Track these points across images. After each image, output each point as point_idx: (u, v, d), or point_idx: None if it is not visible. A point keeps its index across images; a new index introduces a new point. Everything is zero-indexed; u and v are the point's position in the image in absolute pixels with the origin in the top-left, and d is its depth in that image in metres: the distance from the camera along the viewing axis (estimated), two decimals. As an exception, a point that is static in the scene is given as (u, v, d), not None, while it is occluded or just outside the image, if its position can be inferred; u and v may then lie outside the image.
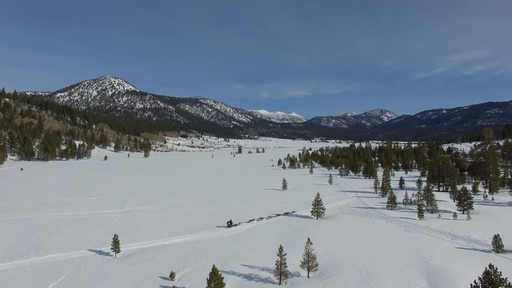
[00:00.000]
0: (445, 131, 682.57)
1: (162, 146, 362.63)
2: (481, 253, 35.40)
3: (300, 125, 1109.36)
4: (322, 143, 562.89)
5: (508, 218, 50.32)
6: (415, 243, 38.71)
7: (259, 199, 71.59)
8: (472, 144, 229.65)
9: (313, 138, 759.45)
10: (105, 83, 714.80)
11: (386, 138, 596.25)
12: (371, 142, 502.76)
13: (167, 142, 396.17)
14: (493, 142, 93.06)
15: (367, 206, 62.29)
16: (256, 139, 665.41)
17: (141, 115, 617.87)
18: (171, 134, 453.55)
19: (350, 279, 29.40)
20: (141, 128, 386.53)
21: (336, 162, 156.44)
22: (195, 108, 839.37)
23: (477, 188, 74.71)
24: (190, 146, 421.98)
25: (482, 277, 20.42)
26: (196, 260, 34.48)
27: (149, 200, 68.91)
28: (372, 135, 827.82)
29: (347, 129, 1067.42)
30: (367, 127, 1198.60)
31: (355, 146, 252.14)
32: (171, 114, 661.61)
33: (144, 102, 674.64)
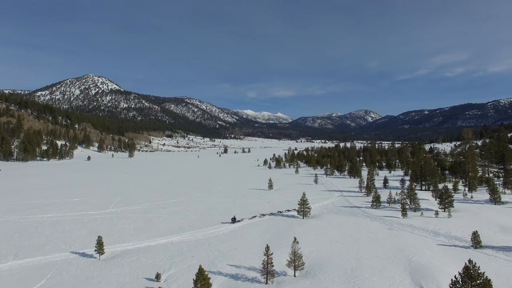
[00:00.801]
0: (427, 131, 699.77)
1: (147, 146, 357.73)
2: (461, 249, 36.44)
3: (286, 125, 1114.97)
4: (308, 143, 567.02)
5: (486, 216, 51.93)
6: (399, 241, 39.49)
7: (245, 199, 71.54)
8: (453, 144, 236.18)
9: (298, 138, 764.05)
10: (88, 81, 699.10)
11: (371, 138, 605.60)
12: (355, 142, 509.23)
13: (152, 142, 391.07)
14: (472, 142, 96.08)
15: (352, 205, 63.15)
16: (242, 139, 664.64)
17: (126, 114, 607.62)
18: (156, 134, 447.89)
19: (336, 277, 29.74)
20: (125, 128, 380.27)
21: (322, 162, 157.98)
22: (180, 108, 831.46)
23: (457, 187, 76.84)
24: (175, 146, 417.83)
25: (462, 272, 21.06)
26: (182, 261, 34.18)
27: (134, 201, 67.86)
28: (356, 135, 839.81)
29: (332, 129, 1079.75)
30: (351, 127, 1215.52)
31: (340, 146, 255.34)
32: (156, 114, 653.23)
33: (128, 101, 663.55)
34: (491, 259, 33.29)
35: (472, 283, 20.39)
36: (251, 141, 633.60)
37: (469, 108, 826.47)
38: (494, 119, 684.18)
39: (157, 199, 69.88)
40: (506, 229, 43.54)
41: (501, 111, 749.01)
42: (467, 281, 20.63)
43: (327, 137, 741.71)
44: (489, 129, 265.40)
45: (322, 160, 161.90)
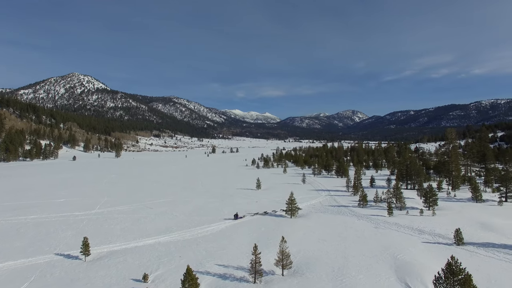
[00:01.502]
0: (412, 131, 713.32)
1: (134, 146, 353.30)
2: (445, 246, 37.35)
3: (274, 125, 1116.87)
4: (296, 143, 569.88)
5: (468, 213, 53.37)
6: (385, 239, 40.19)
7: (234, 198, 71.53)
8: (437, 143, 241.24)
9: (286, 138, 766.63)
10: (73, 80, 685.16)
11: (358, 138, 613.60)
12: (343, 142, 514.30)
13: (140, 141, 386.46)
14: (455, 142, 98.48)
15: (340, 204, 63.89)
16: (230, 139, 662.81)
17: (112, 114, 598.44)
18: (143, 134, 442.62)
19: (323, 275, 30.06)
20: (112, 127, 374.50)
21: (309, 161, 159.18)
22: (168, 107, 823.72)
23: (441, 186, 78.71)
24: (163, 146, 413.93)
25: (444, 268, 21.63)
26: (170, 261, 33.96)
27: (121, 201, 67.00)
28: (344, 135, 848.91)
29: (320, 129, 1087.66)
30: (339, 127, 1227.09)
31: (328, 146, 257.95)
32: (144, 114, 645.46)
33: (115, 100, 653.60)
34: (472, 255, 34.25)
35: (454, 278, 20.97)
36: (239, 141, 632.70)
37: (452, 109, 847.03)
38: (476, 119, 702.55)
39: (144, 200, 69.16)
40: (486, 226, 44.88)
41: (482, 112, 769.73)
42: (449, 277, 21.20)
43: (315, 137, 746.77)
44: (471, 129, 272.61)
45: (310, 160, 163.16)
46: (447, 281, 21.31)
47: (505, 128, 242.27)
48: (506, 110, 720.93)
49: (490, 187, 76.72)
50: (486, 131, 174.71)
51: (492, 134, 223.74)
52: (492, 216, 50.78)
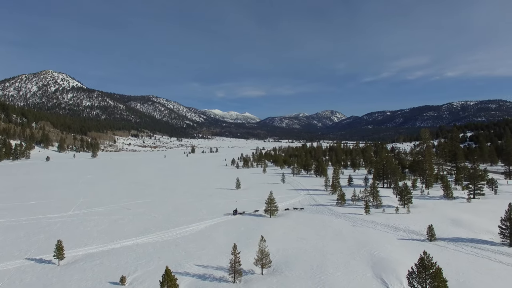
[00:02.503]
0: (389, 131, 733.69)
1: (112, 145, 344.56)
2: (418, 242, 38.72)
3: (254, 125, 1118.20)
4: (275, 143, 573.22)
5: (440, 210, 55.57)
6: (362, 237, 41.21)
7: (213, 198, 71.26)
8: (412, 143, 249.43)
9: (266, 138, 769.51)
10: (47, 78, 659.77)
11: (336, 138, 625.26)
12: (322, 141, 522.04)
13: (117, 141, 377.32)
14: (429, 142, 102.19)
15: (318, 203, 64.89)
16: (209, 139, 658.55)
17: (89, 113, 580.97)
18: (121, 134, 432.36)
19: (302, 273, 30.49)
20: (88, 127, 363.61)
21: (289, 161, 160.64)
22: (146, 106, 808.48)
23: (415, 184, 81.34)
24: (141, 145, 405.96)
25: (417, 263, 22.53)
26: (148, 263, 33.44)
27: (98, 202, 65.29)
28: (323, 135, 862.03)
29: (299, 129, 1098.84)
30: (318, 127, 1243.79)
31: (307, 146, 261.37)
32: (121, 113, 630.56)
33: (91, 99, 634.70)
34: (443, 250, 35.73)
35: (426, 272, 21.88)
36: (219, 141, 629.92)
37: (426, 110, 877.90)
38: (448, 120, 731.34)
39: (122, 201, 67.73)
40: (456, 222, 46.89)
41: (454, 113, 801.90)
42: (422, 271, 22.11)
43: (295, 137, 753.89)
44: (444, 130, 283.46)
45: (289, 160, 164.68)
46: (419, 275, 22.21)
47: (474, 129, 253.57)
48: (475, 111, 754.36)
49: (460, 185, 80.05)
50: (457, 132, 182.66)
51: (463, 134, 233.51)
52: (462, 213, 53.07)
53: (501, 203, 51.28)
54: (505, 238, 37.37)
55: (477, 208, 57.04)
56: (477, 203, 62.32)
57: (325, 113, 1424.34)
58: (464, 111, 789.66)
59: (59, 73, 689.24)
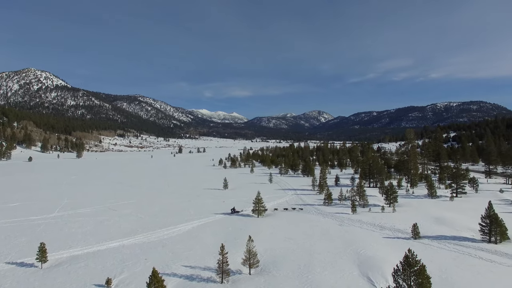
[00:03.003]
0: (375, 131, 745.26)
1: (97, 146, 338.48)
2: (403, 240, 39.48)
3: (241, 125, 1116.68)
4: (263, 143, 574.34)
5: (424, 209, 56.81)
6: (348, 236, 41.74)
7: (201, 199, 70.94)
8: (398, 143, 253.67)
9: (254, 138, 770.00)
10: (29, 76, 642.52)
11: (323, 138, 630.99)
12: (309, 142, 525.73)
13: (103, 141, 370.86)
14: (414, 142, 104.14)
15: (306, 203, 65.35)
16: (197, 139, 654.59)
17: (73, 112, 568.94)
18: (107, 134, 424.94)
19: (290, 273, 30.67)
20: (73, 126, 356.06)
21: (276, 161, 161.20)
22: (133, 106, 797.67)
23: (401, 183, 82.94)
24: (127, 146, 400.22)
25: (402, 261, 22.95)
26: (135, 264, 33.03)
27: (83, 204, 64.07)
28: (310, 135, 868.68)
29: (286, 129, 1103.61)
30: (305, 127, 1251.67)
31: (294, 146, 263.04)
32: (107, 112, 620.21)
33: (76, 98, 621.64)
34: (427, 247, 36.54)
35: (410, 270, 22.32)
36: (207, 141, 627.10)
37: (411, 111, 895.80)
38: (432, 120, 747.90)
39: (107, 201, 66.66)
40: (439, 220, 48.03)
41: (437, 114, 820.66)
42: (406, 269, 22.54)
43: (282, 137, 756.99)
44: (428, 130, 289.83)
45: (277, 160, 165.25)
46: (404, 273, 22.63)
47: (457, 129, 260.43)
48: (457, 112, 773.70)
49: (444, 183, 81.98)
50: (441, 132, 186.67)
51: (446, 134, 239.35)
52: (445, 211, 54.36)
53: (482, 201, 52.72)
54: (485, 235, 38.58)
55: (459, 206, 58.56)
56: (459, 201, 63.97)
57: (312, 113, 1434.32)
58: (447, 112, 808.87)
59: (42, 71, 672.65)
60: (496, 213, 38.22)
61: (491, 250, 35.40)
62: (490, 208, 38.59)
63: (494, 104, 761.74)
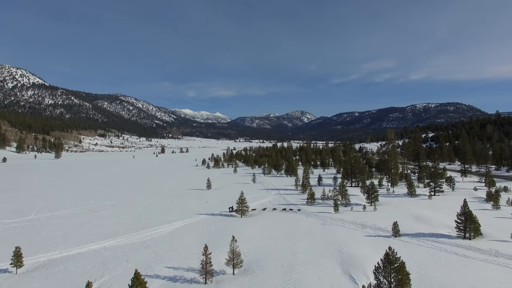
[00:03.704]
0: (357, 132, 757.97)
1: (77, 146, 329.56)
2: (384, 238, 40.46)
3: (225, 125, 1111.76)
4: (246, 143, 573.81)
5: (404, 207, 58.31)
6: (331, 235, 42.38)
7: (184, 199, 70.40)
8: (379, 143, 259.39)
9: (237, 138, 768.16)
10: (3, 73, 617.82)
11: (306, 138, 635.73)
12: (292, 142, 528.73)
13: (83, 141, 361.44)
14: (394, 142, 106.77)
15: (289, 202, 65.86)
16: (180, 139, 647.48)
17: (52, 111, 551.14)
18: (87, 133, 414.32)
19: (273, 272, 30.87)
20: (51, 126, 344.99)
21: (260, 161, 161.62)
22: (114, 105, 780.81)
23: (382, 183, 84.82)
24: (109, 146, 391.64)
25: (383, 258, 23.51)
26: (117, 266, 32.44)
27: (61, 205, 62.31)
28: (293, 135, 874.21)
29: (270, 129, 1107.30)
30: (288, 127, 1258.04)
31: (278, 146, 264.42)
32: (88, 112, 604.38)
33: (55, 97, 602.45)
34: (406, 245, 37.58)
35: (391, 267, 22.90)
36: (189, 141, 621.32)
37: (392, 111, 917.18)
38: (412, 121, 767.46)
39: (88, 203, 65.14)
40: (419, 218, 49.46)
41: (417, 115, 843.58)
42: (387, 266, 23.11)
43: (265, 137, 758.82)
44: (408, 131, 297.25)
45: (260, 160, 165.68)
46: (385, 270, 23.19)
47: (435, 130, 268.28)
48: (435, 113, 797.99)
49: (423, 182, 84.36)
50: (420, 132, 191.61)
51: (425, 135, 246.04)
52: (423, 209, 56.05)
53: (458, 199, 54.55)
54: (460, 232, 40.06)
55: (437, 205, 60.49)
56: (437, 199, 66.05)
57: (296, 113, 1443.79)
58: (426, 113, 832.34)
59: (17, 68, 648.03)
60: (470, 211, 39.76)
61: (466, 246, 36.81)
62: (465, 206, 40.07)
63: (469, 106, 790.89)
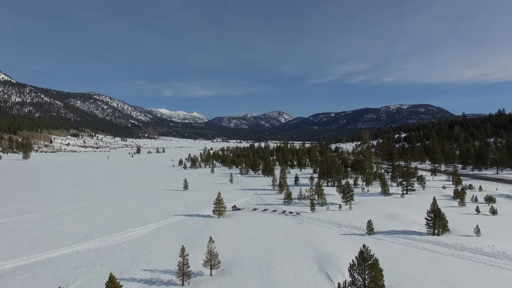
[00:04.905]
0: (333, 132, 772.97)
1: (48, 146, 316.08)
2: (359, 236, 41.60)
3: (202, 125, 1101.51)
4: (223, 143, 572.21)
5: (379, 206, 60.17)
6: (307, 234, 43.08)
7: (160, 200, 69.34)
8: (354, 144, 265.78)
9: (214, 138, 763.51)
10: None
11: (283, 138, 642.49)
12: (269, 142, 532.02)
13: (54, 141, 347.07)
14: (369, 142, 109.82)
15: (266, 202, 66.32)
16: (156, 139, 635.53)
17: (19, 110, 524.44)
18: (58, 133, 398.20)
19: (251, 272, 31.03)
20: (18, 125, 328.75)
21: (237, 161, 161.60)
22: (88, 104, 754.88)
23: (357, 182, 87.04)
24: (82, 146, 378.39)
25: (358, 256, 24.23)
26: (90, 271, 31.49)
27: (30, 209, 59.64)
28: (270, 135, 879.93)
29: (247, 130, 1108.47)
30: (266, 127, 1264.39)
31: (255, 146, 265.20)
32: (59, 111, 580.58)
33: (22, 95, 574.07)
34: (380, 242, 38.84)
35: (365, 264, 23.65)
36: (166, 141, 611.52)
37: (367, 112, 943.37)
38: (386, 122, 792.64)
39: (59, 205, 62.76)
40: (391, 216, 51.26)
41: (390, 116, 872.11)
42: (361, 263, 23.85)
43: (242, 137, 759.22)
44: (382, 131, 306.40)
45: (237, 160, 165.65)
46: (359, 267, 23.93)
47: (407, 130, 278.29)
48: (408, 114, 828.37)
49: (395, 182, 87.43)
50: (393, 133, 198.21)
51: (398, 135, 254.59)
52: (396, 207, 58.11)
53: (428, 197, 56.85)
54: (430, 228, 41.96)
55: (409, 203, 62.87)
56: (409, 198, 68.64)
57: (273, 113, 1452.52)
58: (399, 114, 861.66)
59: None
60: (439, 208, 41.71)
61: (434, 242, 38.56)
62: (434, 204, 41.99)
63: (439, 108, 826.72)
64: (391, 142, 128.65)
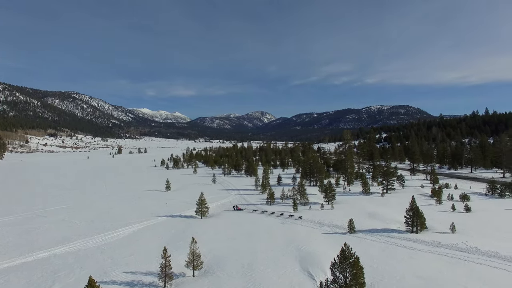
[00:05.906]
0: (315, 132, 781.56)
1: (23, 146, 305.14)
2: (340, 235, 42.25)
3: (184, 125, 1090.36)
4: (206, 143, 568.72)
5: (360, 205, 61.28)
6: (290, 233, 43.42)
7: (142, 201, 68.31)
8: (336, 144, 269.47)
9: (197, 138, 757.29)
10: None
11: (266, 139, 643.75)
12: (252, 142, 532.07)
13: (30, 141, 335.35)
14: (350, 142, 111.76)
15: (249, 202, 66.40)
16: (138, 139, 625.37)
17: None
18: (35, 133, 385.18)
19: (234, 272, 31.01)
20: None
21: (220, 161, 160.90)
22: (67, 103, 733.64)
23: (339, 182, 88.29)
24: (60, 146, 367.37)
25: (339, 254, 24.63)
26: (68, 275, 30.64)
27: (3, 211, 57.53)
28: (253, 135, 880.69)
29: (230, 130, 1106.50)
30: (249, 127, 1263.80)
31: (238, 146, 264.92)
32: (36, 110, 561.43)
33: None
34: (361, 240, 39.61)
35: (346, 262, 24.07)
36: (148, 141, 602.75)
37: (349, 113, 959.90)
38: (367, 122, 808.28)
39: (36, 207, 60.79)
40: (372, 215, 52.33)
41: (372, 116, 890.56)
42: (343, 262, 24.26)
43: (225, 137, 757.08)
44: (363, 131, 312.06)
45: (220, 160, 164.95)
46: (341, 266, 24.33)
47: (388, 131, 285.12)
48: (388, 115, 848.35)
49: (376, 181, 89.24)
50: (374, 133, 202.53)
51: (378, 135, 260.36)
52: (377, 206, 59.36)
53: (407, 196, 58.40)
54: (409, 226, 43.14)
55: (389, 202, 64.32)
56: (389, 197, 70.24)
57: (256, 114, 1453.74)
58: (380, 115, 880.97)
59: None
60: (417, 206, 42.91)
61: (413, 239, 39.68)
62: (413, 202, 43.19)
63: (417, 109, 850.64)
64: (372, 142, 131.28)
